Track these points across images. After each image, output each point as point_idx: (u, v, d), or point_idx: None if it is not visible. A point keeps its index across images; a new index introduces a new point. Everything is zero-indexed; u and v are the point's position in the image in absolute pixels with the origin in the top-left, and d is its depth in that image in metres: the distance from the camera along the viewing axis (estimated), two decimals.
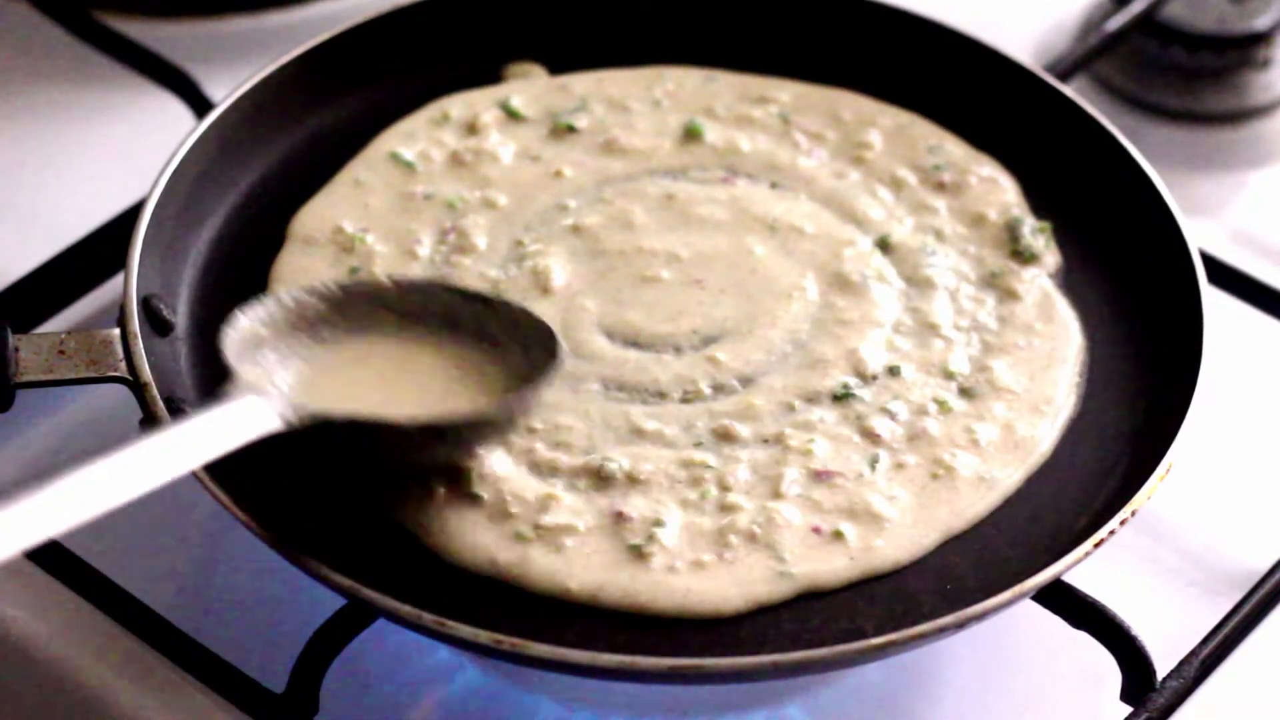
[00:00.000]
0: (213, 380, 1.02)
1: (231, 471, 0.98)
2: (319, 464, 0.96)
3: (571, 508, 0.96)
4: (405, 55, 1.18)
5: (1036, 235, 1.10)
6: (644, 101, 1.17)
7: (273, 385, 0.93)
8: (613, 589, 0.94)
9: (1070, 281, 1.10)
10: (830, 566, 0.95)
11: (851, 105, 1.17)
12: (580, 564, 0.94)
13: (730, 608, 0.93)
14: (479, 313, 0.99)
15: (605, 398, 1.01)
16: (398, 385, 0.96)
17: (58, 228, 1.18)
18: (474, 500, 0.96)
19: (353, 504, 0.97)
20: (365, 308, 0.98)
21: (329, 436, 0.92)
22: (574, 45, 1.20)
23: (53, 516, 0.80)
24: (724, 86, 1.18)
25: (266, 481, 0.98)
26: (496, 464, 0.98)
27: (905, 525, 0.97)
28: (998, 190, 1.13)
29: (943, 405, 1.02)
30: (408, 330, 0.99)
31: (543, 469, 0.98)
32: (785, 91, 1.18)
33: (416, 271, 1.07)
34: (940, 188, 1.13)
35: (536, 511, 0.96)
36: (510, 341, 0.98)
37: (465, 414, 0.95)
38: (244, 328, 0.95)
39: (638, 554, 0.95)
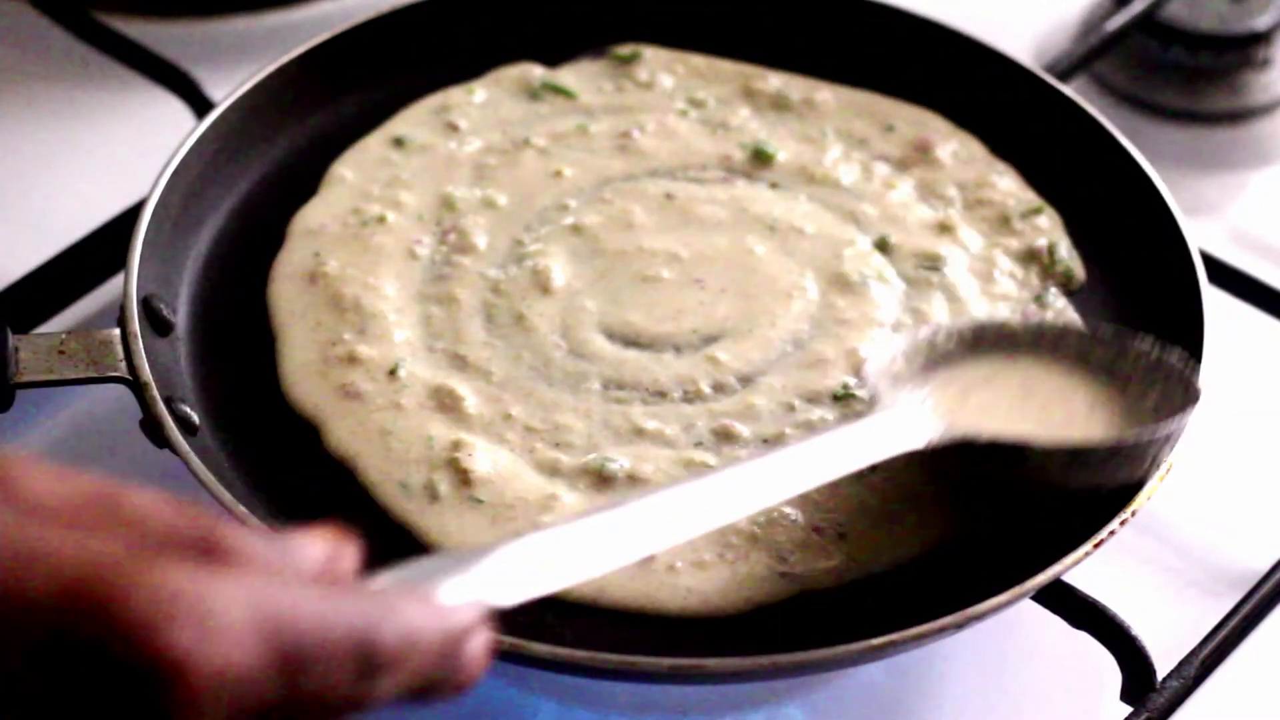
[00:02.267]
0: (213, 380, 1.03)
1: (232, 472, 0.98)
2: (947, 480, 0.95)
3: (572, 508, 0.96)
4: (405, 55, 1.18)
5: (1073, 254, 1.10)
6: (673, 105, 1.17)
7: (915, 404, 0.94)
8: (614, 589, 0.94)
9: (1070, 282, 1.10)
10: (831, 565, 0.95)
11: (863, 103, 1.18)
12: None
13: (731, 608, 0.93)
14: (1111, 356, 0.98)
15: (605, 397, 1.01)
16: (1031, 409, 0.95)
17: (58, 228, 1.17)
18: (475, 501, 0.96)
19: (353, 504, 0.97)
20: (996, 344, 0.98)
21: (967, 457, 0.92)
22: (574, 45, 1.20)
23: (714, 511, 0.82)
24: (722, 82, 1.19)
25: (267, 481, 0.98)
26: (497, 465, 0.98)
27: (906, 526, 0.97)
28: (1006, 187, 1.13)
29: None
30: (1035, 359, 0.98)
31: (543, 469, 0.98)
32: (782, 85, 1.18)
33: (416, 272, 1.07)
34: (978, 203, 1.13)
35: (537, 512, 0.96)
36: (1141, 388, 0.97)
37: (1113, 440, 0.94)
38: (885, 361, 0.96)
39: None
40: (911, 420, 0.92)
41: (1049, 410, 0.96)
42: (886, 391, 0.94)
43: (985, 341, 0.99)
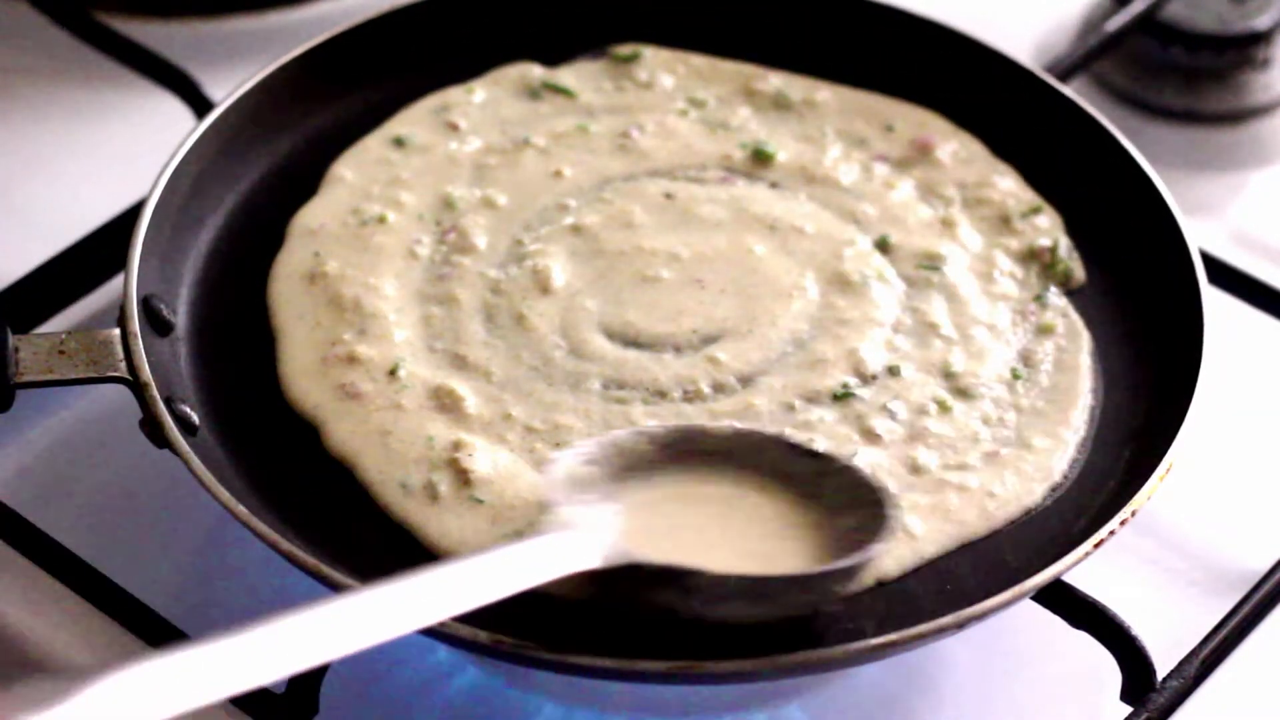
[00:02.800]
0: (213, 380, 1.03)
1: (232, 472, 0.98)
2: (621, 596, 0.91)
3: (572, 509, 0.96)
4: (405, 55, 1.18)
5: (1072, 254, 1.10)
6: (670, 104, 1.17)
7: (591, 521, 0.91)
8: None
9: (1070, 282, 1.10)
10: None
11: (865, 103, 1.18)
12: None
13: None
14: (813, 470, 0.95)
15: (605, 397, 1.01)
16: (718, 534, 0.92)
17: (58, 228, 1.18)
18: (475, 501, 0.96)
19: (352, 504, 0.97)
20: (696, 451, 0.95)
21: (639, 581, 0.89)
22: (574, 45, 1.20)
23: (355, 632, 0.79)
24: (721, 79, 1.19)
25: (267, 481, 0.98)
26: (497, 465, 0.98)
27: (910, 538, 0.97)
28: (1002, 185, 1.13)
29: (942, 405, 1.02)
30: (736, 476, 0.95)
31: (544, 470, 0.98)
32: (782, 85, 1.18)
33: (416, 272, 1.07)
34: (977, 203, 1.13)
35: (537, 512, 0.96)
36: (841, 505, 0.93)
37: (784, 575, 0.90)
38: (570, 467, 0.93)
39: None
40: (584, 540, 0.88)
41: (740, 535, 0.92)
42: (568, 499, 0.91)
43: (682, 448, 0.95)
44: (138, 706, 0.69)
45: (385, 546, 0.96)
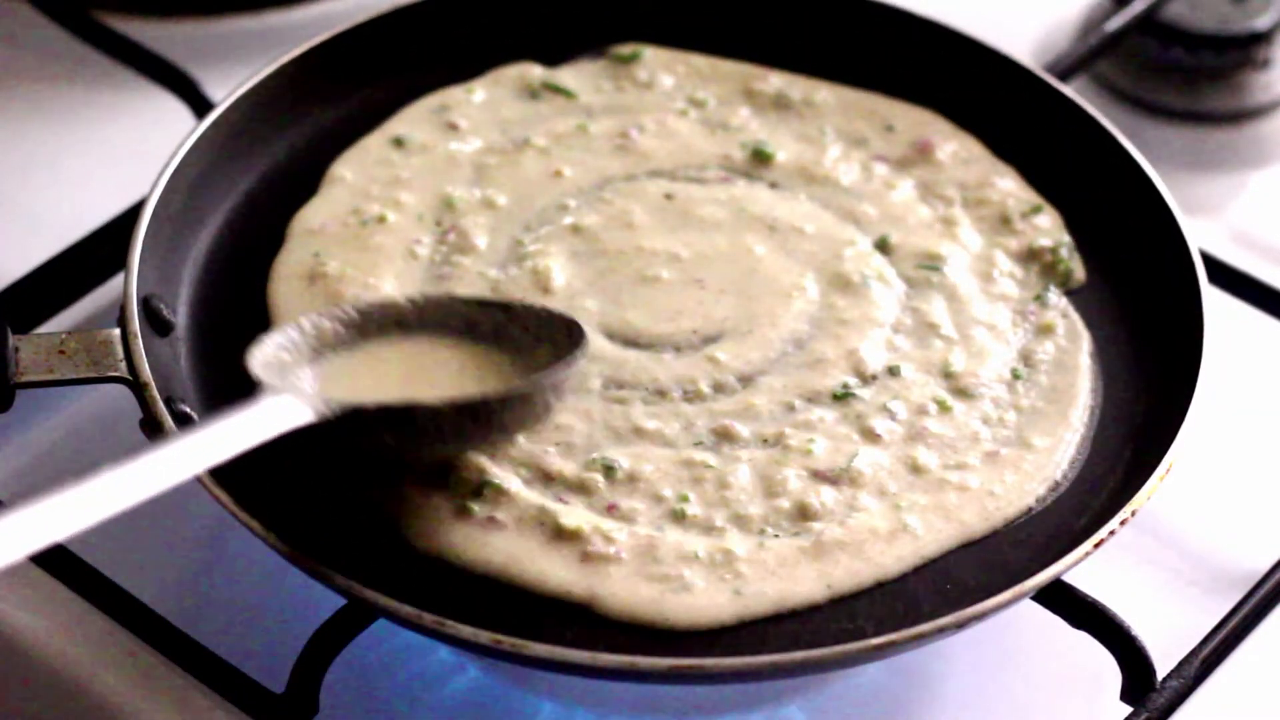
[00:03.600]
0: (213, 380, 1.03)
1: (232, 472, 0.98)
2: (352, 469, 0.95)
3: (572, 509, 0.96)
4: (405, 55, 1.18)
5: (1072, 254, 1.10)
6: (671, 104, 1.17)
7: (303, 387, 0.93)
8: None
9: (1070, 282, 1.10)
10: (837, 575, 0.95)
11: (864, 102, 1.18)
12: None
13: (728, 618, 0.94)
14: (498, 320, 0.99)
15: (605, 397, 1.01)
16: (424, 379, 0.96)
17: (58, 228, 1.18)
18: (475, 501, 0.96)
19: (353, 504, 0.97)
20: (385, 325, 0.98)
21: (362, 427, 0.91)
22: (574, 45, 1.20)
23: (77, 514, 0.81)
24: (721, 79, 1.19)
25: (267, 482, 0.98)
26: (498, 468, 0.98)
27: (910, 538, 0.97)
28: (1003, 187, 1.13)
29: (942, 405, 1.02)
30: (429, 336, 0.99)
31: (544, 470, 0.98)
32: (782, 85, 1.18)
33: (416, 272, 1.07)
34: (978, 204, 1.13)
35: (539, 513, 0.96)
36: (533, 342, 0.98)
37: (498, 392, 0.95)
38: (268, 353, 0.94)
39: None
40: (297, 400, 0.91)
41: (437, 379, 0.96)
42: (274, 382, 0.92)
43: (373, 324, 0.98)
44: None
45: (385, 546, 0.96)
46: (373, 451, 0.94)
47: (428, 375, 0.97)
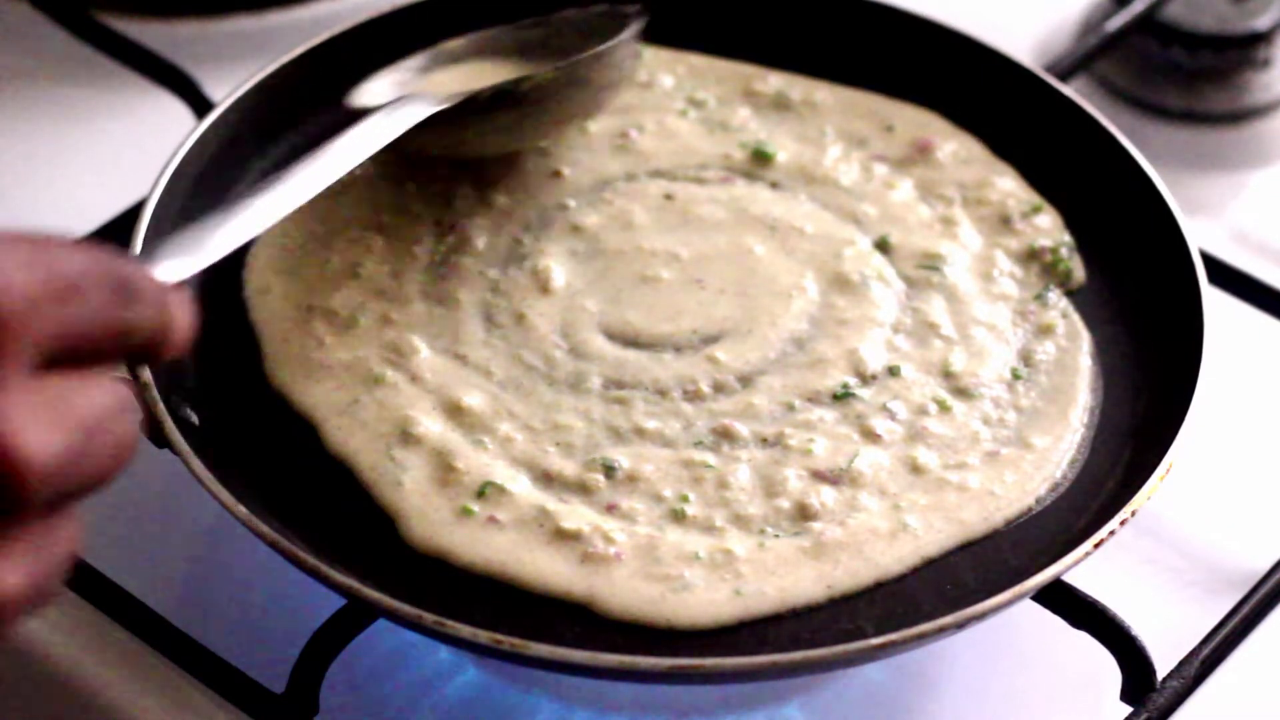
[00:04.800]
0: (214, 380, 1.03)
1: (232, 472, 0.98)
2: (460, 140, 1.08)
3: (571, 509, 0.96)
4: (405, 55, 1.18)
5: (1072, 254, 1.10)
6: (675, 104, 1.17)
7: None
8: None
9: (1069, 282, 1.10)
10: (837, 575, 0.95)
11: (864, 103, 1.18)
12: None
13: (729, 618, 0.94)
14: (542, 35, 1.14)
15: (605, 397, 1.01)
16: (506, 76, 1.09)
17: (58, 228, 1.17)
18: (475, 501, 0.96)
19: (353, 504, 0.97)
20: (450, 61, 1.14)
21: (475, 111, 1.05)
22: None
23: (284, 198, 0.96)
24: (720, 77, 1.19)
25: (267, 481, 0.98)
26: (497, 468, 0.98)
27: (910, 538, 0.97)
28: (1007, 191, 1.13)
29: (942, 405, 1.02)
30: (487, 60, 1.14)
31: (544, 470, 0.98)
32: (782, 85, 1.18)
33: (416, 272, 1.07)
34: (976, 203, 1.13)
35: (539, 513, 0.96)
36: (584, 43, 1.10)
37: (594, 51, 1.08)
38: (375, 85, 1.10)
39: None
40: (418, 99, 1.05)
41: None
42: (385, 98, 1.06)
43: (442, 59, 1.13)
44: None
45: (385, 546, 0.96)
46: (474, 152, 1.10)
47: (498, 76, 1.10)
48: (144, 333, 0.72)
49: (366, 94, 1.08)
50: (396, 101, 1.05)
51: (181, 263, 0.87)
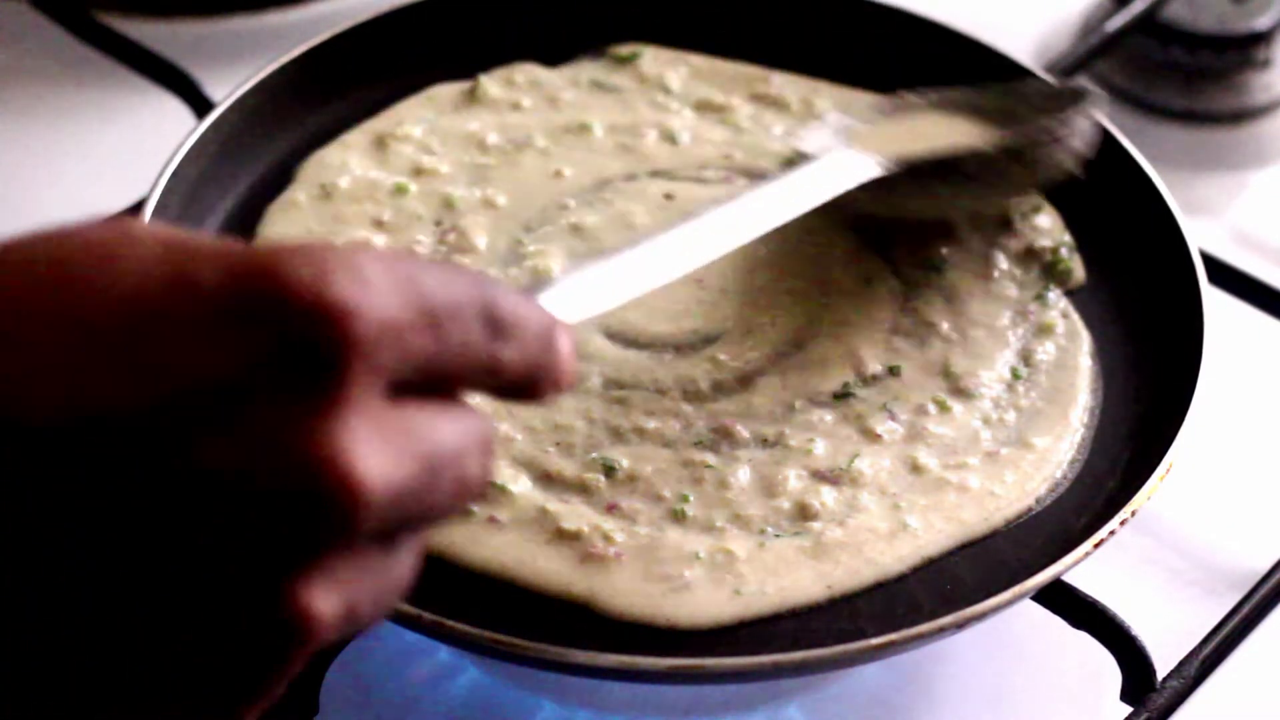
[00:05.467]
0: None
1: None
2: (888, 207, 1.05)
3: (571, 509, 0.96)
4: (404, 55, 1.18)
5: (1073, 254, 1.10)
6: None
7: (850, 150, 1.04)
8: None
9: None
10: (837, 575, 0.95)
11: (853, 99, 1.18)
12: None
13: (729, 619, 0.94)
14: (1004, 103, 1.09)
15: (605, 397, 1.01)
16: (952, 140, 1.07)
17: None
18: (476, 503, 0.96)
19: None
20: (905, 112, 1.10)
21: (916, 179, 1.03)
22: (574, 45, 1.20)
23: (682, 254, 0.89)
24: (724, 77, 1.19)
25: None
26: (500, 471, 0.98)
27: (910, 538, 0.97)
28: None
29: (942, 405, 1.02)
30: (939, 115, 1.10)
31: (544, 470, 0.98)
32: (783, 85, 1.18)
33: None
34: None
35: (539, 513, 0.96)
36: (1038, 115, 1.07)
37: (1040, 127, 1.05)
38: (823, 135, 1.06)
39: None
40: (859, 157, 1.02)
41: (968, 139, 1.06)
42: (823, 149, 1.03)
43: (895, 110, 1.10)
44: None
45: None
46: (913, 211, 1.06)
47: (956, 139, 1.06)
48: (516, 372, 0.68)
49: (811, 139, 1.06)
50: (833, 153, 1.02)
51: (579, 301, 0.81)
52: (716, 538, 0.96)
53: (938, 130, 1.07)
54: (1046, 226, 1.11)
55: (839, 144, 1.04)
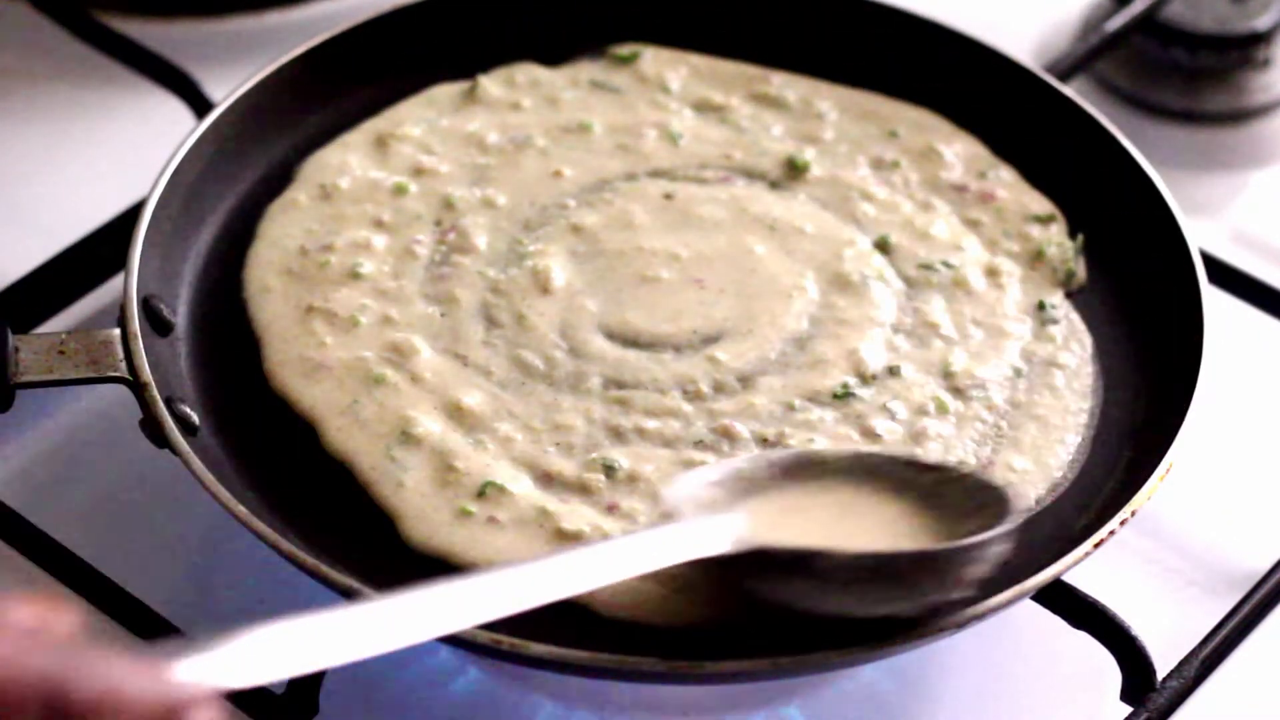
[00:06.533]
0: (213, 380, 1.03)
1: (232, 472, 0.98)
2: (741, 593, 0.91)
3: (572, 509, 0.96)
4: (404, 55, 1.18)
5: (1073, 255, 1.10)
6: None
7: (716, 520, 0.91)
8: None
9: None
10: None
11: (861, 102, 1.18)
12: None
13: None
14: (934, 480, 0.94)
15: (605, 398, 1.01)
16: (842, 532, 0.91)
17: (58, 228, 1.18)
18: (475, 501, 0.96)
19: (353, 504, 0.97)
20: (814, 469, 0.95)
21: (767, 568, 0.89)
22: (574, 45, 1.20)
23: (478, 608, 0.81)
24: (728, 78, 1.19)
25: (267, 481, 0.98)
26: (498, 468, 0.98)
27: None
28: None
29: (942, 405, 1.02)
30: (856, 487, 0.94)
31: (544, 470, 0.98)
32: (783, 85, 1.18)
33: (417, 272, 1.07)
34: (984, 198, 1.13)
35: (539, 513, 0.96)
36: (966, 510, 0.92)
37: (915, 551, 0.90)
38: (692, 488, 0.92)
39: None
40: (715, 528, 0.89)
41: (856, 533, 0.92)
42: (691, 515, 0.90)
43: (802, 470, 0.94)
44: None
45: (385, 546, 0.96)
46: (773, 603, 0.90)
47: (849, 527, 0.92)
48: None
49: (682, 490, 0.92)
50: (706, 519, 0.90)
51: (191, 665, 0.69)
52: None
53: (841, 508, 0.93)
54: (1047, 227, 1.11)
55: (714, 502, 0.92)
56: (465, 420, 1.00)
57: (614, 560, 0.86)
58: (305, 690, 0.93)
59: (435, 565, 0.95)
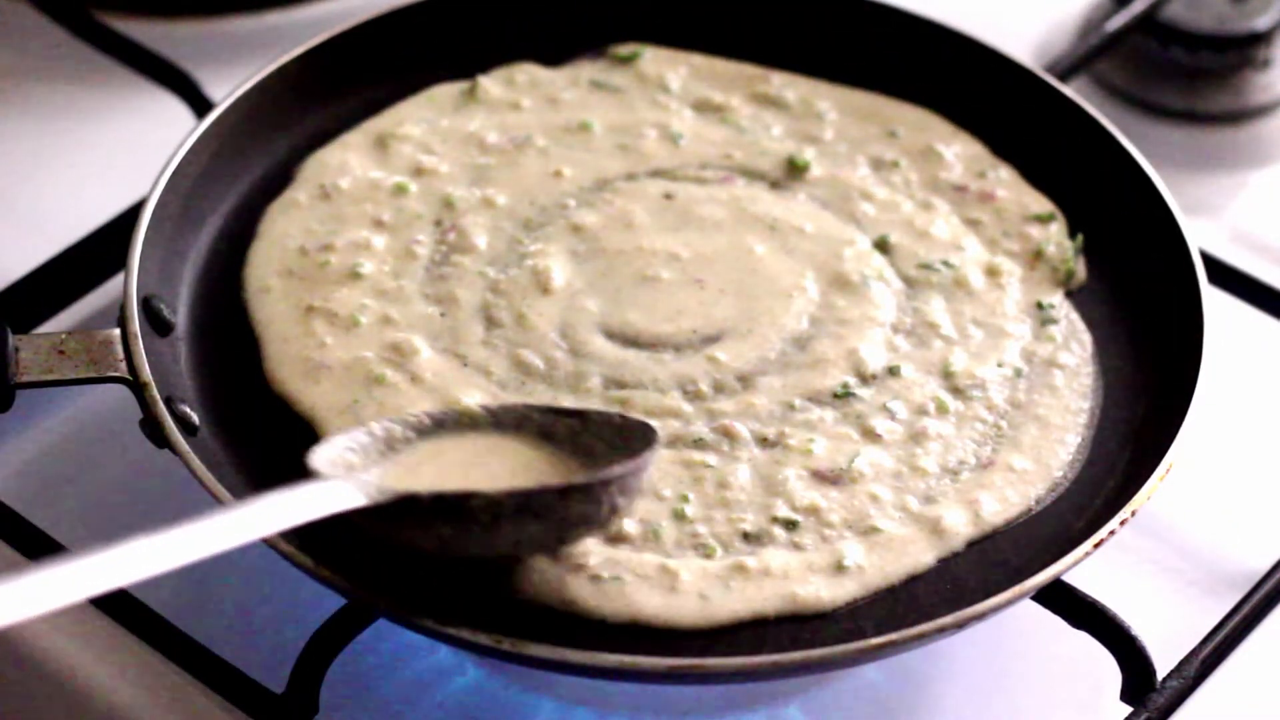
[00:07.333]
0: (213, 380, 1.03)
1: (232, 472, 0.98)
2: (413, 552, 0.91)
3: None
4: (404, 55, 1.18)
5: (1073, 254, 1.10)
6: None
7: (359, 475, 0.91)
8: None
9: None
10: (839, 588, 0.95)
11: (861, 102, 1.18)
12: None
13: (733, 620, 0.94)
14: (573, 428, 0.95)
15: (605, 398, 1.01)
16: (488, 474, 0.93)
17: (58, 228, 1.18)
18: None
19: None
20: (457, 426, 0.95)
21: (416, 515, 0.88)
22: (574, 45, 1.20)
23: (125, 569, 0.82)
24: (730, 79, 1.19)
25: (267, 481, 0.98)
26: None
27: (911, 541, 0.97)
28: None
29: (942, 405, 1.02)
30: (502, 436, 0.95)
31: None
32: (783, 85, 1.18)
33: (417, 272, 1.07)
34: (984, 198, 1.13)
35: None
36: (608, 450, 0.93)
37: (555, 484, 0.91)
38: (334, 453, 0.92)
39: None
40: (350, 485, 0.89)
41: (500, 475, 0.93)
42: (334, 474, 0.90)
43: (444, 426, 0.95)
44: None
45: (385, 546, 0.95)
46: (430, 549, 0.90)
47: (492, 471, 0.93)
48: None
49: (322, 455, 0.91)
50: (324, 480, 0.89)
51: None
52: (716, 538, 0.96)
53: (480, 456, 0.94)
54: (1047, 227, 1.11)
55: (347, 464, 0.91)
56: None
57: (249, 521, 0.86)
58: (305, 690, 0.93)
59: (435, 565, 0.95)
